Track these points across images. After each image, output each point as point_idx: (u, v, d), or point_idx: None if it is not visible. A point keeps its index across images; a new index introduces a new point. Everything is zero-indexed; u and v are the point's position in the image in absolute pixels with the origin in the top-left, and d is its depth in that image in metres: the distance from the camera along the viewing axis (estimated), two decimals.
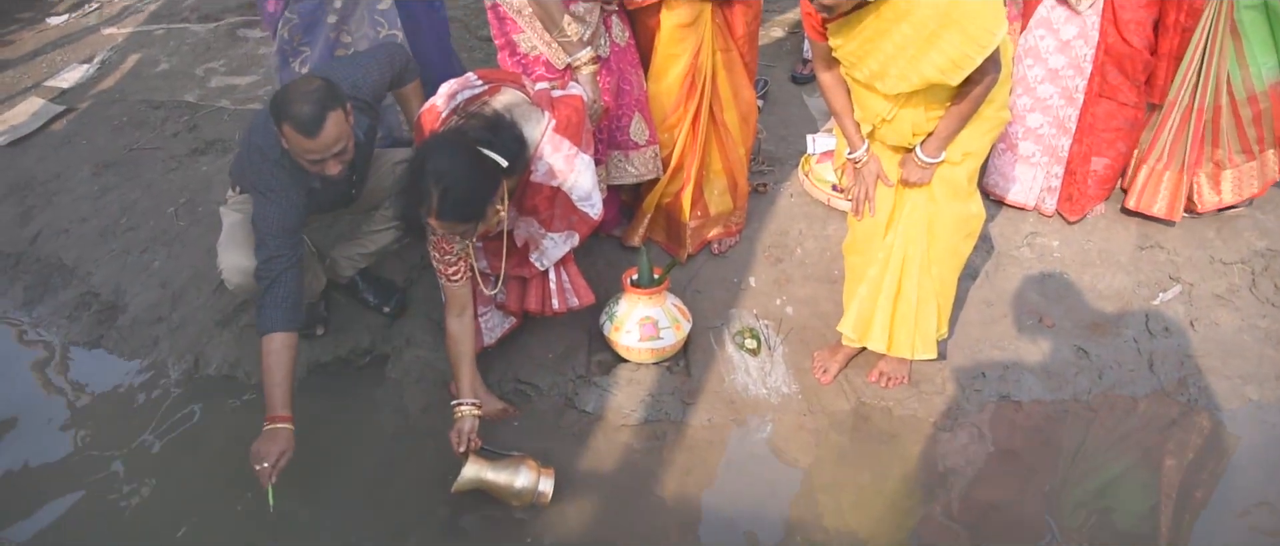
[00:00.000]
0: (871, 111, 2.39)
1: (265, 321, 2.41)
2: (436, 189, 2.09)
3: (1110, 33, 3.00)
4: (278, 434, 2.34)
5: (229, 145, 3.87)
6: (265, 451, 2.31)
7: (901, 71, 2.19)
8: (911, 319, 2.64)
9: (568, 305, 2.73)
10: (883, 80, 2.24)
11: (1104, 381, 2.92)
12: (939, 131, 2.32)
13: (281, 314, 2.41)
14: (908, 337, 2.67)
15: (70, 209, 3.64)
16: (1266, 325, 3.09)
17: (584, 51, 2.62)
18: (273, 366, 2.38)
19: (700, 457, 2.70)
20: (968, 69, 2.10)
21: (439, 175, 2.09)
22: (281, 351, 2.38)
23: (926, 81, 2.17)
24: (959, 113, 2.26)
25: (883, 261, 2.62)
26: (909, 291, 2.62)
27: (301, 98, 2.26)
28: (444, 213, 2.12)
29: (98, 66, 4.64)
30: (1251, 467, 2.71)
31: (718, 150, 3.12)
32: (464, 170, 2.11)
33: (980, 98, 2.23)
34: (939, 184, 2.47)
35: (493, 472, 2.45)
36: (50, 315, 3.25)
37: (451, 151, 2.13)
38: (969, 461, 2.71)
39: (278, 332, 2.39)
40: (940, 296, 2.66)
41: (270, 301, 2.41)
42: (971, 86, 2.19)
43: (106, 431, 2.83)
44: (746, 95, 3.08)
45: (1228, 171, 3.26)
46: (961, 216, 2.52)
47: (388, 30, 2.95)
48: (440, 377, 2.89)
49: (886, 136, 2.43)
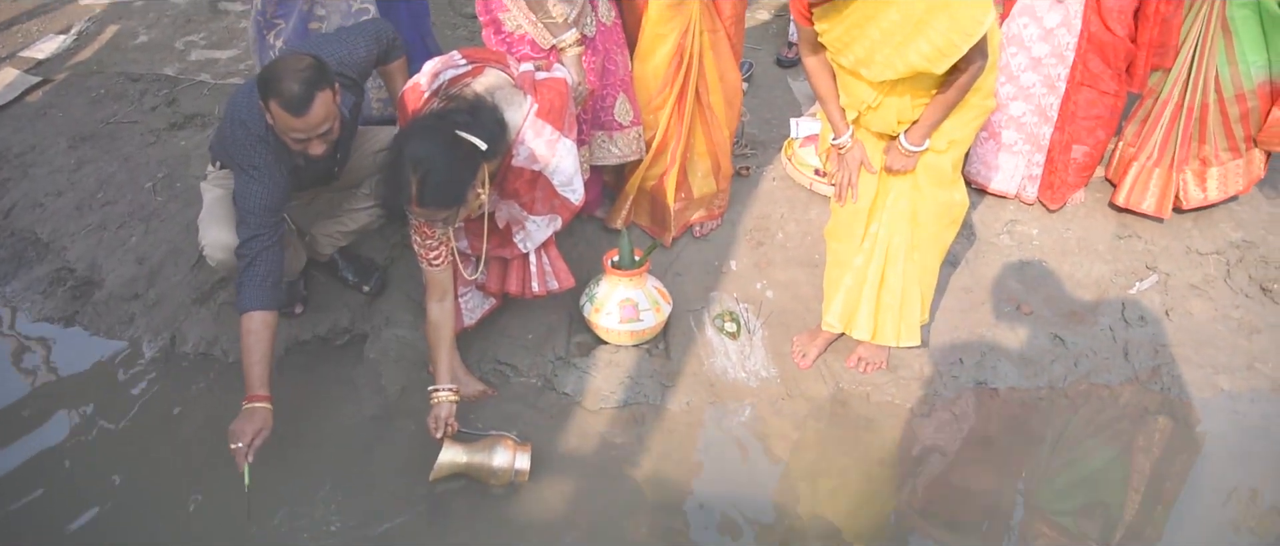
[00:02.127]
0: (856, 98, 2.38)
1: (244, 300, 2.39)
2: (416, 175, 2.08)
3: (1093, 20, 3.01)
4: (255, 413, 2.33)
5: (209, 120, 3.82)
6: (241, 430, 2.30)
7: (887, 58, 2.18)
8: (896, 307, 2.66)
9: (547, 288, 2.73)
10: (869, 67, 2.24)
11: (1079, 369, 2.95)
12: (924, 119, 2.32)
13: (261, 293, 2.39)
14: (893, 326, 2.69)
15: (45, 182, 3.59)
16: (1239, 316, 3.13)
17: (569, 33, 2.59)
18: (251, 346, 2.36)
19: (678, 440, 2.71)
20: (953, 57, 2.09)
21: (418, 162, 2.08)
22: (261, 330, 2.37)
23: (912, 69, 2.16)
24: (944, 101, 2.26)
25: (867, 251, 2.63)
26: (893, 280, 2.63)
27: (290, 75, 2.23)
28: (424, 199, 2.11)
29: (75, 37, 4.56)
30: (1222, 456, 2.75)
31: (702, 132, 3.11)
32: (442, 156, 2.10)
33: (966, 86, 2.22)
34: (923, 172, 2.47)
35: (469, 455, 2.46)
36: (23, 291, 3.21)
37: (430, 137, 2.12)
38: (945, 447, 2.74)
39: (257, 311, 2.38)
40: (923, 283, 2.68)
41: (249, 280, 2.40)
42: (958, 74, 2.19)
43: (80, 409, 2.80)
44: (732, 78, 3.06)
45: (1213, 168, 3.29)
46: (945, 204, 2.53)
47: (360, 4, 2.91)
48: (419, 357, 2.88)
49: (871, 123, 2.43)
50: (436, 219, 2.23)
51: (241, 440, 2.28)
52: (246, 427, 2.30)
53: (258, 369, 2.35)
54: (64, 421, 2.76)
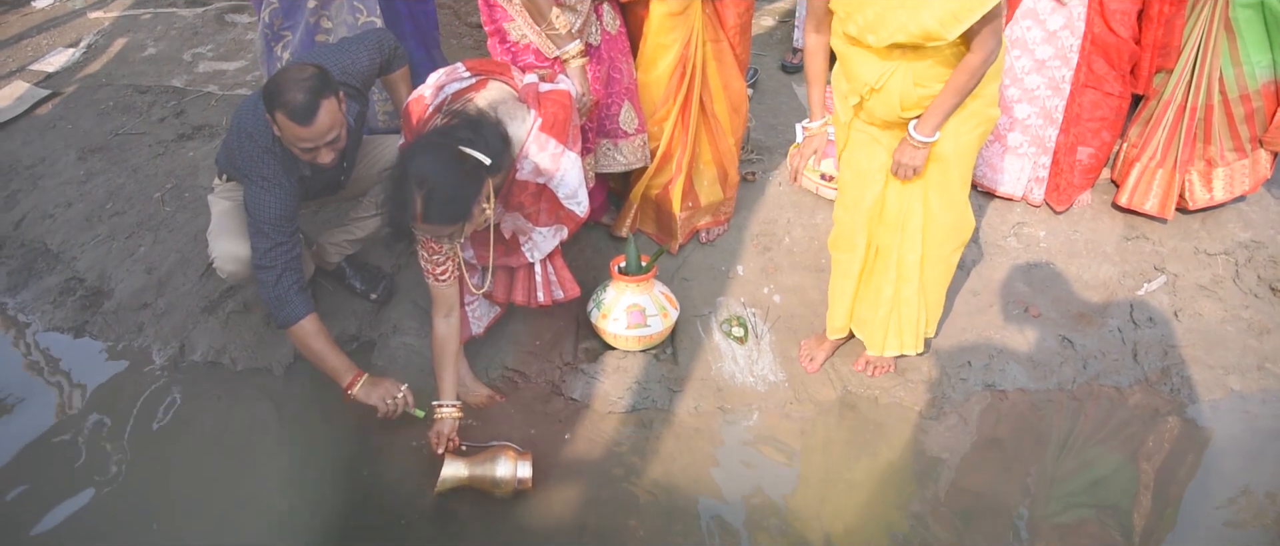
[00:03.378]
0: (859, 81, 2.33)
1: (292, 312, 2.44)
2: (420, 192, 2.08)
3: (1097, 23, 3.01)
4: (373, 381, 2.53)
5: (216, 130, 3.85)
6: (382, 395, 2.51)
7: (901, 21, 2.13)
8: (911, 320, 2.69)
9: (553, 298, 2.73)
10: (879, 30, 2.17)
11: (1088, 371, 2.94)
12: (934, 107, 2.26)
13: (302, 300, 2.47)
14: (909, 337, 2.72)
15: (55, 194, 3.61)
16: (1249, 316, 3.11)
17: (573, 45, 2.59)
18: (321, 347, 2.49)
19: (687, 445, 2.71)
20: (967, 21, 2.06)
21: (422, 179, 2.08)
22: (318, 331, 2.49)
23: (924, 32, 2.11)
24: (955, 85, 2.21)
25: (882, 268, 2.63)
26: (909, 296, 2.64)
27: (295, 85, 2.25)
28: (430, 215, 2.12)
29: (84, 50, 4.60)
30: (1233, 457, 2.73)
31: (708, 141, 3.11)
32: (447, 172, 2.10)
33: (977, 69, 2.17)
34: (935, 193, 2.45)
35: (471, 468, 2.47)
36: (34, 301, 3.22)
37: (434, 154, 2.11)
38: (954, 450, 2.73)
39: (307, 316, 2.46)
40: (929, 302, 2.68)
41: (284, 292, 2.44)
42: (969, 55, 2.16)
43: (90, 418, 2.81)
44: (736, 86, 3.07)
45: (1219, 169, 3.28)
46: (954, 226, 2.52)
47: (367, 16, 2.93)
48: (426, 365, 2.88)
49: (875, 108, 2.37)
50: (442, 235, 2.24)
51: (390, 400, 2.52)
52: (384, 391, 2.52)
53: (339, 358, 2.51)
54: (73, 430, 2.77)
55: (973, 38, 2.13)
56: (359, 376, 2.50)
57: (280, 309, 2.43)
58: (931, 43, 2.15)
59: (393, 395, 2.52)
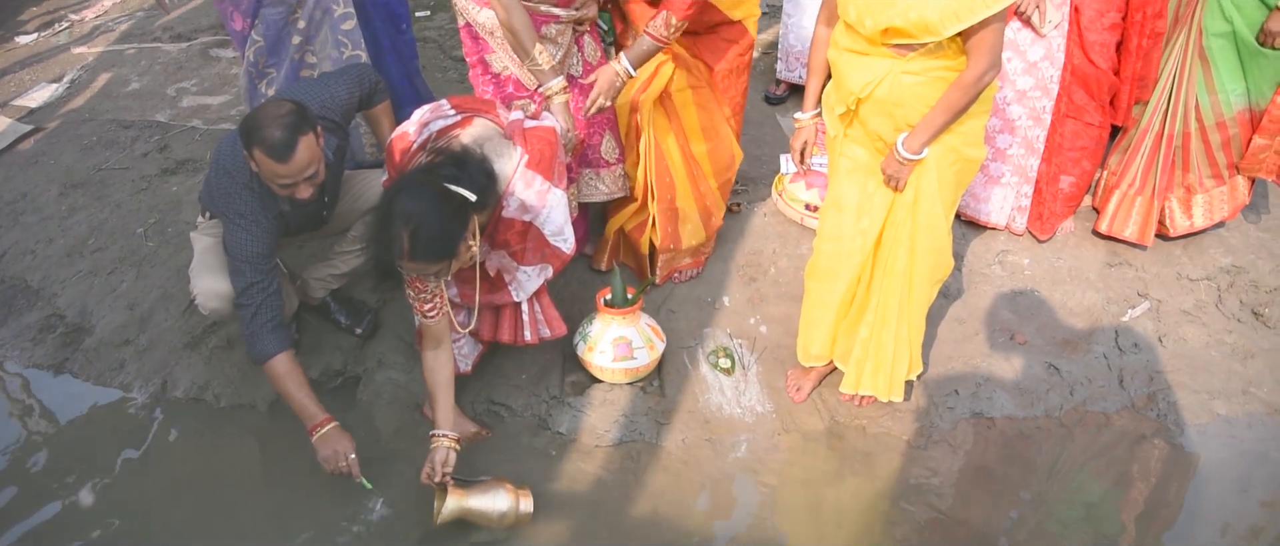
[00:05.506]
0: (846, 89, 2.34)
1: (263, 348, 2.42)
2: (406, 230, 2.08)
3: (1076, 54, 3.05)
4: (333, 435, 2.43)
5: (200, 165, 3.83)
6: (335, 454, 2.40)
7: (902, 8, 2.11)
8: (886, 365, 2.67)
9: (540, 336, 2.70)
10: (878, 14, 2.15)
11: (1075, 397, 2.94)
12: (925, 122, 2.25)
13: (276, 337, 2.44)
14: (884, 382, 2.71)
15: (36, 229, 3.59)
16: (1233, 340, 3.13)
17: (556, 81, 2.56)
18: (291, 387, 2.44)
19: (674, 478, 2.69)
20: (967, 20, 2.06)
21: (408, 217, 2.08)
22: (291, 369, 2.45)
23: (922, 22, 2.10)
24: (948, 102, 2.21)
25: (860, 305, 2.63)
26: (887, 340, 2.63)
27: (272, 122, 2.25)
28: (416, 253, 2.11)
29: (67, 86, 4.59)
30: (1220, 482, 2.74)
31: (689, 183, 3.07)
32: (432, 209, 2.09)
33: (971, 87, 2.17)
34: (922, 236, 2.45)
35: (473, 500, 2.43)
36: (13, 338, 3.18)
37: (419, 192, 2.11)
38: (943, 478, 2.72)
39: (280, 355, 2.43)
40: (911, 342, 2.68)
41: (260, 328, 2.42)
42: (965, 71, 2.16)
43: (70, 456, 2.77)
44: (720, 131, 3.03)
45: (1198, 196, 3.32)
46: (935, 266, 2.53)
47: (351, 51, 2.94)
48: (412, 400, 2.86)
49: (868, 117, 2.35)
50: (428, 273, 2.23)
51: (342, 460, 2.41)
52: (337, 449, 2.41)
53: (308, 400, 2.44)
54: (54, 468, 2.73)
55: (970, 48, 2.14)
56: (322, 423, 2.43)
57: (253, 345, 2.43)
58: (925, 38, 2.14)
59: (340, 456, 2.41)
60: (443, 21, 5.03)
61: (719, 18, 2.84)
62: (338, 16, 2.90)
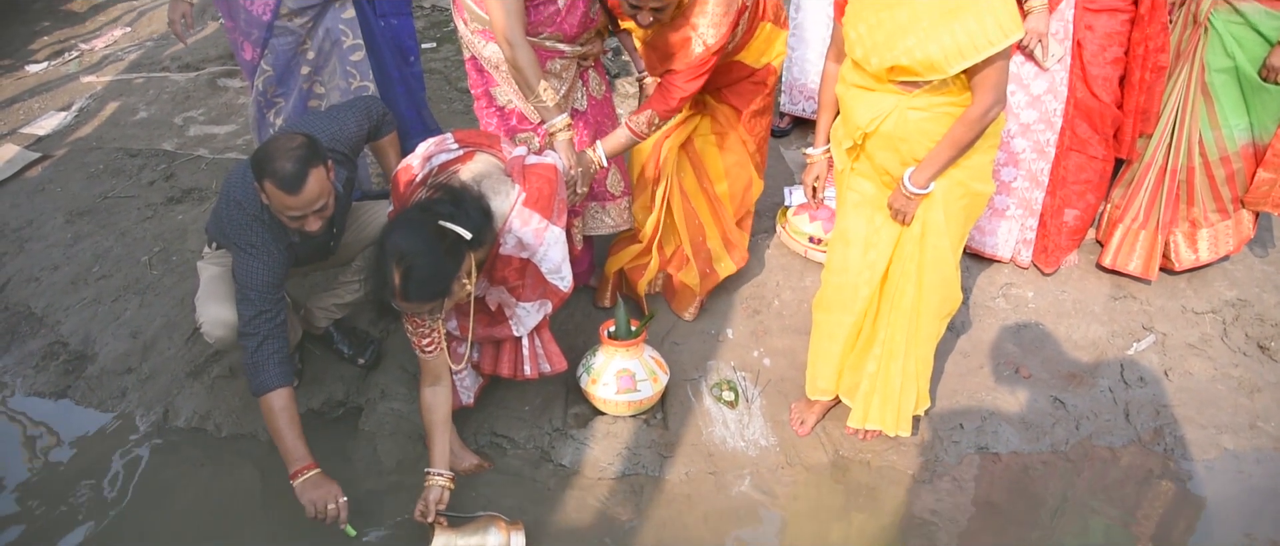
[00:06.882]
0: (853, 123, 2.35)
1: (265, 380, 2.40)
2: (399, 268, 2.08)
3: (1079, 88, 3.06)
4: (317, 481, 2.38)
5: (206, 194, 3.85)
6: (320, 499, 2.35)
7: (907, 46, 2.14)
8: (892, 399, 2.66)
9: (540, 371, 2.69)
10: (884, 53, 2.17)
11: (1081, 431, 2.92)
12: (931, 157, 2.26)
13: (279, 371, 2.42)
14: (892, 417, 2.69)
15: (41, 257, 3.59)
16: (1239, 374, 3.11)
17: (560, 118, 2.54)
18: (283, 425, 2.39)
19: (677, 511, 2.67)
20: (971, 58, 2.08)
21: (402, 255, 2.08)
22: (288, 405, 2.41)
23: (928, 60, 2.12)
24: (953, 138, 2.22)
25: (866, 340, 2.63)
26: (894, 374, 2.63)
27: (283, 155, 2.26)
28: (408, 293, 2.11)
29: (76, 114, 4.62)
30: (1228, 517, 2.71)
31: (712, 219, 3.12)
32: (426, 248, 2.09)
33: (976, 122, 2.18)
34: (929, 271, 2.45)
35: (462, 539, 2.41)
36: (16, 364, 3.18)
37: (412, 230, 2.11)
38: (948, 514, 2.69)
39: (280, 389, 2.40)
40: (919, 376, 2.67)
41: (264, 360, 2.41)
42: (970, 107, 2.17)
43: (71, 484, 2.76)
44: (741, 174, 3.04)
45: (1204, 230, 3.31)
46: (943, 300, 2.53)
47: (360, 82, 2.96)
48: (415, 430, 2.85)
49: (875, 152, 2.37)
50: (422, 312, 2.22)
51: (333, 502, 2.36)
52: (322, 494, 2.35)
53: (297, 441, 2.40)
54: (55, 496, 2.71)
55: (975, 85, 2.15)
56: (306, 468, 2.38)
57: (256, 376, 2.41)
58: (931, 76, 2.16)
59: (327, 503, 2.36)
60: (448, 53, 5.06)
61: (745, 73, 2.87)
62: (347, 48, 2.93)
